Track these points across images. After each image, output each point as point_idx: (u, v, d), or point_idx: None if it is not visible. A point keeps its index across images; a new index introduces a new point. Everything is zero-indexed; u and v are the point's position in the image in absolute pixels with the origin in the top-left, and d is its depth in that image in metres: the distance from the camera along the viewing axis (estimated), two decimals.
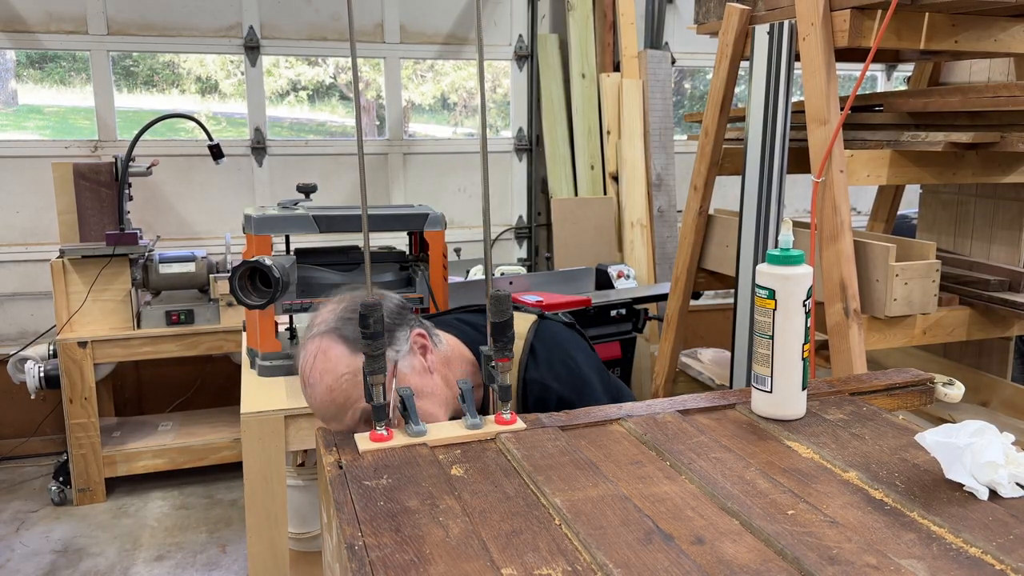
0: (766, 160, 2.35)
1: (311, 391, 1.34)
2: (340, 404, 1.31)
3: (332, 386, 1.31)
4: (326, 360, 1.32)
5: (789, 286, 1.11)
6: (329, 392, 1.31)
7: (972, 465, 0.93)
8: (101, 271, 3.23)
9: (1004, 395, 2.51)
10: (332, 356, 1.32)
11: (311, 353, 1.35)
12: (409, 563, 0.78)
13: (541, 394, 1.46)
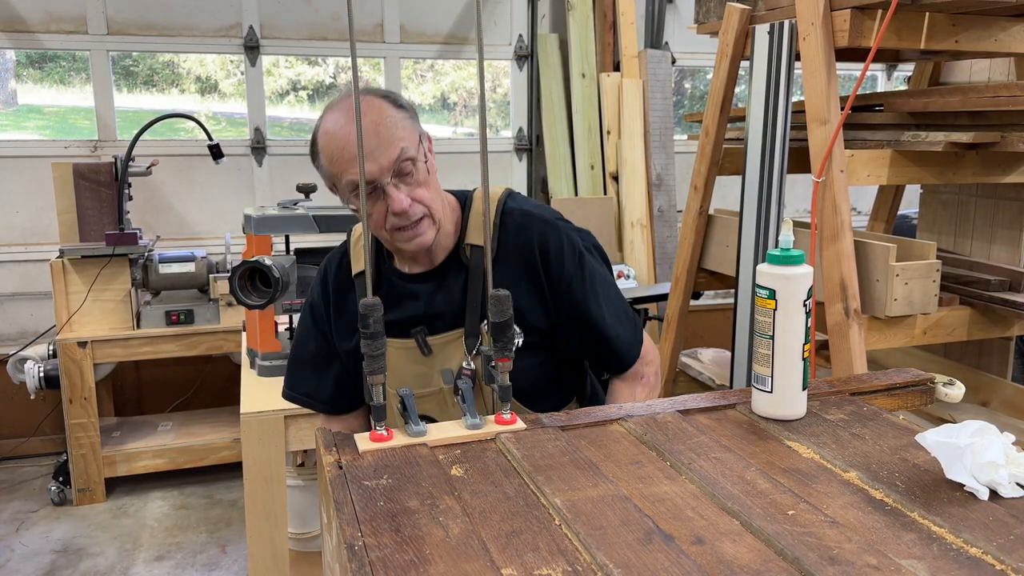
0: (766, 160, 2.35)
1: (343, 131, 1.33)
2: (385, 138, 1.32)
3: (378, 120, 1.33)
4: (370, 105, 1.34)
5: (789, 286, 1.11)
6: (375, 125, 1.32)
7: (972, 465, 0.93)
8: (101, 271, 3.22)
9: (1004, 395, 2.51)
10: (376, 104, 1.35)
11: (344, 100, 1.36)
12: (409, 563, 0.78)
13: (522, 221, 1.46)
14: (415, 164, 1.36)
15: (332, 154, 1.36)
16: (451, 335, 1.44)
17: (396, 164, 1.33)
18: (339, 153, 1.34)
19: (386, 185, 1.33)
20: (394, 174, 1.34)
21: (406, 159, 1.34)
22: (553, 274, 1.44)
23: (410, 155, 1.34)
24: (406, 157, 1.34)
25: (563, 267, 1.44)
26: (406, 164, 1.34)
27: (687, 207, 2.75)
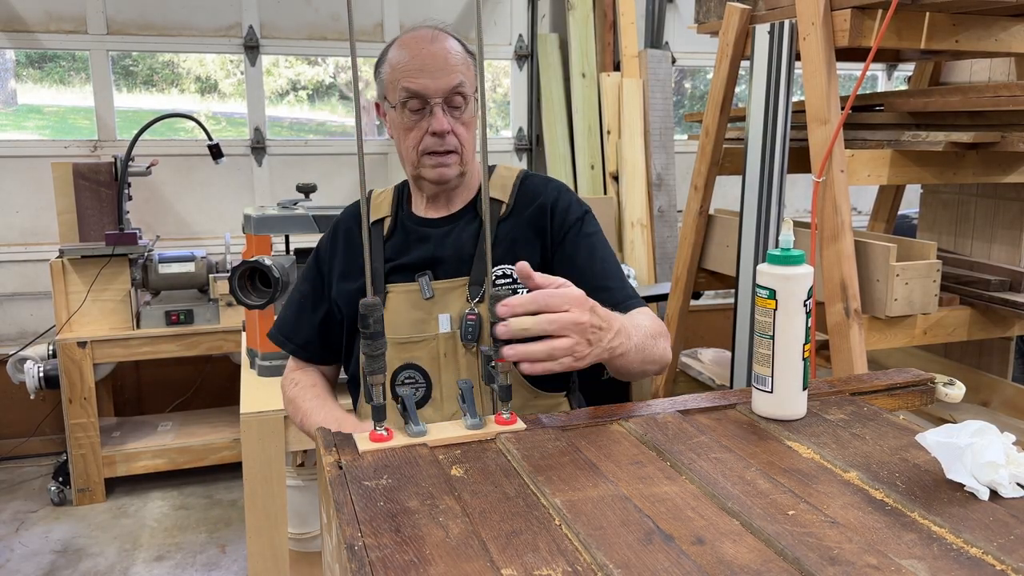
0: (766, 160, 2.35)
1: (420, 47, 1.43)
2: (450, 64, 1.42)
3: (449, 50, 1.44)
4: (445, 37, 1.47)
5: (790, 286, 1.11)
6: (444, 52, 1.43)
7: (973, 465, 0.92)
8: (100, 271, 3.22)
9: (1005, 395, 2.51)
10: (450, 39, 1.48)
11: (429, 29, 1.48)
12: (409, 563, 0.78)
13: (540, 180, 1.56)
14: (466, 102, 1.45)
15: (398, 61, 1.44)
16: (456, 281, 1.48)
17: (451, 91, 1.42)
18: (407, 62, 1.43)
19: (435, 105, 1.42)
20: (445, 100, 1.43)
21: (460, 92, 1.43)
22: (556, 222, 1.51)
23: (465, 90, 1.44)
24: (461, 91, 1.43)
25: (567, 217, 1.52)
26: (458, 97, 1.44)
27: (687, 207, 2.75)
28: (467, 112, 1.46)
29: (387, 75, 1.47)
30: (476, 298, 1.46)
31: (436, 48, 1.44)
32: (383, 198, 1.60)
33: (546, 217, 1.51)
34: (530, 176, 1.57)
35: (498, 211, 1.52)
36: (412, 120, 1.44)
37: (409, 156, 1.48)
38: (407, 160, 1.49)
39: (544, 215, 1.51)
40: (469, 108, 1.46)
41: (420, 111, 1.43)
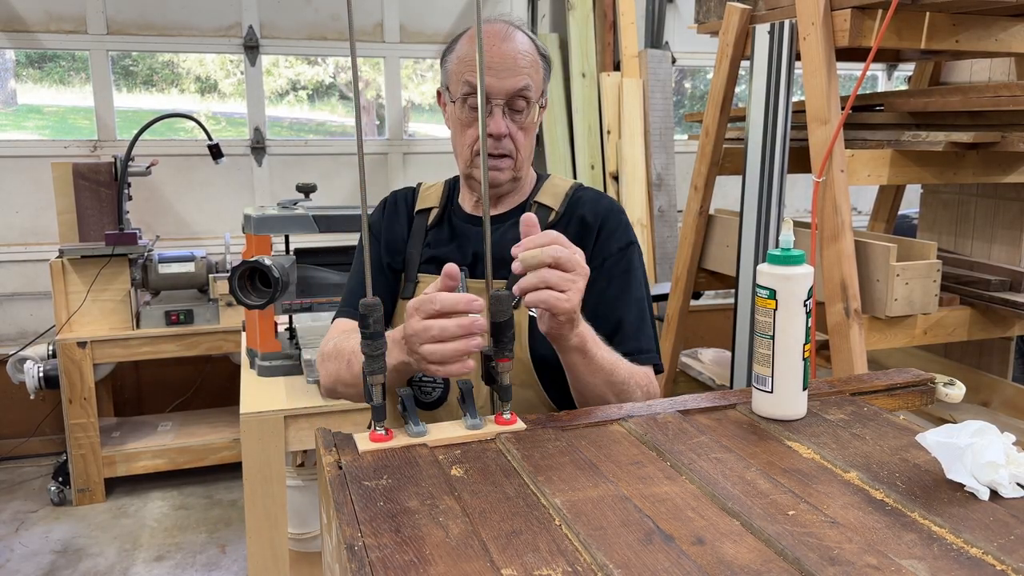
0: (767, 160, 2.35)
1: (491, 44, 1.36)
2: (520, 66, 1.37)
3: (521, 51, 1.38)
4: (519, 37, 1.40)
5: (790, 286, 1.11)
6: (515, 52, 1.37)
7: (973, 465, 0.92)
8: (100, 271, 3.22)
9: (1005, 395, 2.51)
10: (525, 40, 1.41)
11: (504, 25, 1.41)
12: (409, 563, 0.78)
13: (598, 195, 1.51)
14: (528, 107, 1.40)
15: (465, 54, 1.39)
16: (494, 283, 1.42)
17: (514, 94, 1.37)
18: (473, 56, 1.35)
19: (496, 105, 1.37)
20: (507, 103, 1.38)
21: (525, 96, 1.39)
22: (600, 244, 1.46)
23: (529, 95, 1.39)
24: (525, 94, 1.39)
25: (610, 243, 1.46)
26: (521, 101, 1.39)
27: (687, 207, 2.75)
28: (528, 117, 1.41)
29: (452, 66, 1.42)
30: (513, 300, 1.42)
31: (507, 47, 1.38)
32: (433, 190, 1.57)
33: (591, 236, 1.45)
34: (584, 189, 1.52)
35: (546, 218, 1.47)
36: (471, 117, 1.40)
37: (463, 153, 1.44)
38: (460, 156, 1.46)
39: (589, 233, 1.46)
40: (531, 113, 1.41)
41: (488, 110, 1.37)
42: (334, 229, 2.28)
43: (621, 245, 1.46)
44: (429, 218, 1.53)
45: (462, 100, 1.40)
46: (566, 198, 1.49)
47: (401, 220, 1.55)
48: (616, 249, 1.46)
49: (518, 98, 1.38)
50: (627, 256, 1.47)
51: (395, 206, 1.57)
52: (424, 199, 1.55)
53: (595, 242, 1.45)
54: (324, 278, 2.34)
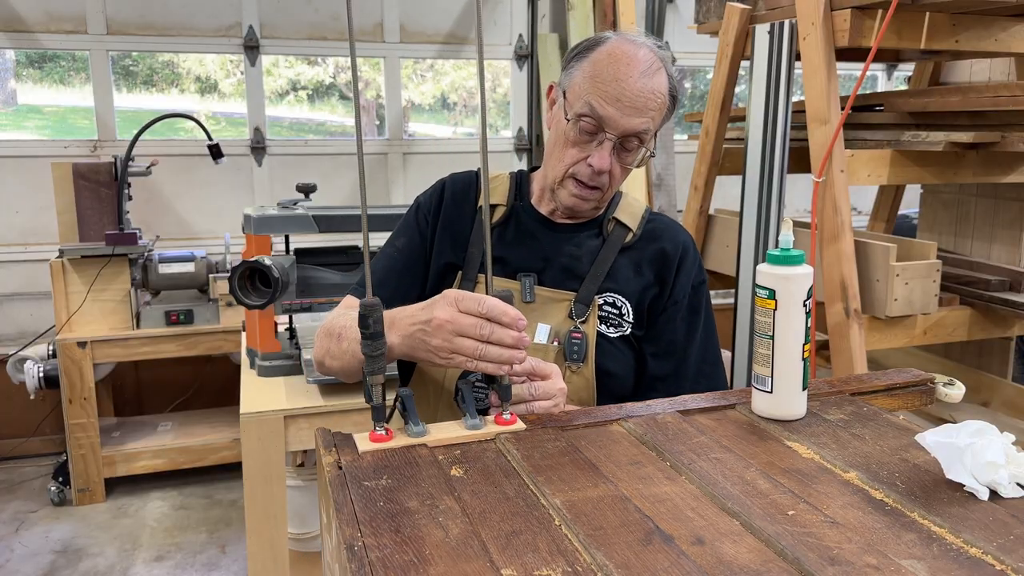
0: (766, 160, 2.35)
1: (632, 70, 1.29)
2: (647, 107, 1.30)
3: (656, 91, 1.31)
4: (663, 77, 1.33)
5: (789, 286, 1.11)
6: (651, 90, 1.30)
7: (972, 465, 0.92)
8: (100, 271, 3.22)
9: (1005, 395, 2.51)
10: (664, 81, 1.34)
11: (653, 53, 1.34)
12: (409, 564, 0.78)
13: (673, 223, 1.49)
14: (640, 148, 1.35)
15: (599, 72, 1.31)
16: (561, 293, 1.39)
17: (630, 133, 1.32)
18: (608, 82, 1.30)
19: (608, 139, 1.32)
20: (620, 137, 1.32)
21: (639, 137, 1.33)
22: (681, 278, 1.43)
23: (645, 138, 1.34)
24: (642, 137, 1.33)
25: (690, 278, 1.44)
26: (634, 141, 1.33)
27: (687, 207, 2.75)
28: (634, 158, 1.36)
29: (579, 78, 1.35)
30: (581, 318, 1.38)
31: (644, 84, 1.30)
32: (497, 182, 1.49)
33: (671, 267, 1.43)
34: (658, 216, 1.50)
35: (623, 236, 1.43)
36: (579, 138, 1.34)
37: (556, 168, 1.38)
38: (552, 169, 1.39)
39: (670, 264, 1.43)
40: (637, 156, 1.36)
41: (591, 135, 1.33)
42: (334, 229, 2.28)
43: (699, 281, 1.46)
44: (494, 215, 1.45)
45: (576, 119, 1.33)
46: (642, 221, 1.46)
47: (465, 212, 1.46)
48: (697, 283, 1.45)
49: (632, 138, 1.32)
50: (699, 294, 1.46)
51: (458, 196, 1.48)
52: (491, 193, 1.45)
53: (676, 274, 1.43)
54: (324, 278, 2.34)
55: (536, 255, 1.42)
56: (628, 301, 1.41)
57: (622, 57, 1.31)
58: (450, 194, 1.48)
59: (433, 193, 1.50)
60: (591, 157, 1.33)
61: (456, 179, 1.52)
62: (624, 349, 1.40)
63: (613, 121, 1.30)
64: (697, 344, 1.45)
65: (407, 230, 1.48)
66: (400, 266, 1.45)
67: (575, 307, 1.38)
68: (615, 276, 1.41)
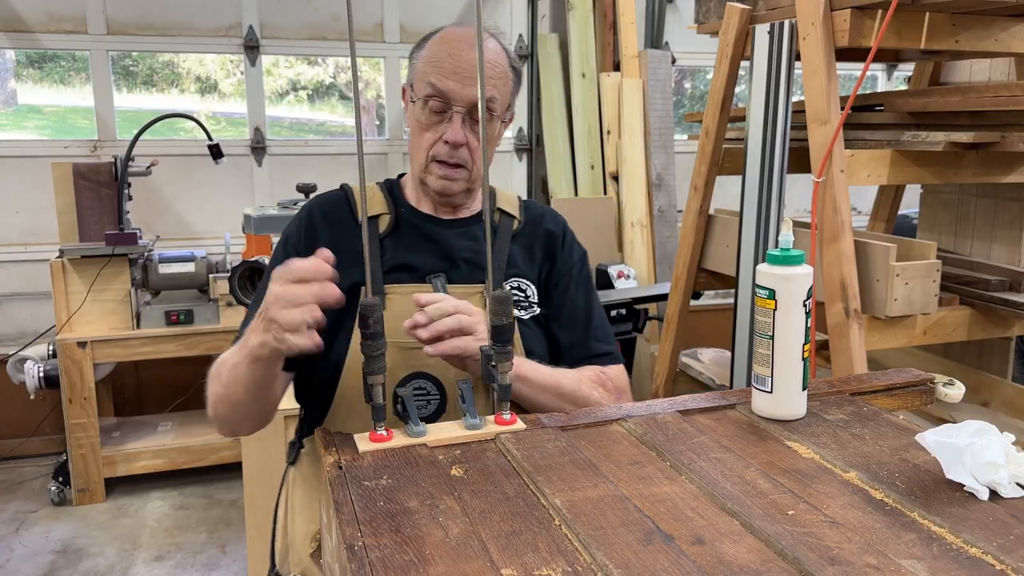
0: (766, 160, 2.35)
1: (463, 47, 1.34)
2: (487, 76, 1.33)
3: (492, 61, 1.36)
4: (495, 48, 1.39)
5: (789, 286, 1.11)
6: (487, 61, 1.34)
7: (972, 465, 0.92)
8: (100, 271, 3.22)
9: (1005, 395, 2.51)
10: (499, 51, 1.40)
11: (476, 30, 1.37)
12: (409, 563, 0.78)
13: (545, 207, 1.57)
14: (490, 120, 1.38)
15: (434, 53, 1.37)
16: (473, 287, 1.39)
17: (475, 101, 1.34)
18: (443, 58, 1.35)
19: (456, 113, 1.35)
20: (469, 111, 1.35)
21: (488, 107, 1.36)
22: (565, 254, 1.51)
23: (492, 107, 1.37)
24: (490, 106, 1.36)
25: (572, 253, 1.52)
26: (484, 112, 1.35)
27: (687, 207, 2.75)
28: (488, 129, 1.36)
29: (419, 65, 1.39)
30: None
31: (475, 55, 1.29)
32: (370, 193, 1.46)
33: (557, 245, 1.50)
34: (531, 201, 1.56)
35: (511, 224, 1.48)
36: (430, 120, 1.37)
37: (418, 156, 1.41)
38: (415, 159, 1.42)
39: (556, 242, 1.50)
40: (491, 126, 1.38)
41: (441, 113, 1.36)
42: None
43: (580, 255, 1.54)
44: (380, 225, 1.42)
45: (423, 101, 1.36)
46: (521, 208, 1.52)
47: (346, 230, 1.41)
48: (577, 258, 1.53)
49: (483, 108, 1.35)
50: (585, 265, 1.55)
51: (330, 217, 1.43)
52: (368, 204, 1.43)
53: (561, 250, 1.51)
54: None
55: (437, 255, 1.42)
56: (531, 283, 1.46)
57: (453, 37, 1.38)
58: (320, 218, 1.43)
59: (300, 223, 1.44)
60: (445, 134, 1.35)
61: (322, 201, 1.48)
62: (536, 329, 1.45)
63: (456, 93, 1.34)
64: (596, 308, 1.53)
65: None
66: None
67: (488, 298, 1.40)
68: (514, 262, 1.46)
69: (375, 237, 1.41)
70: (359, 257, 1.32)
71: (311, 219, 1.43)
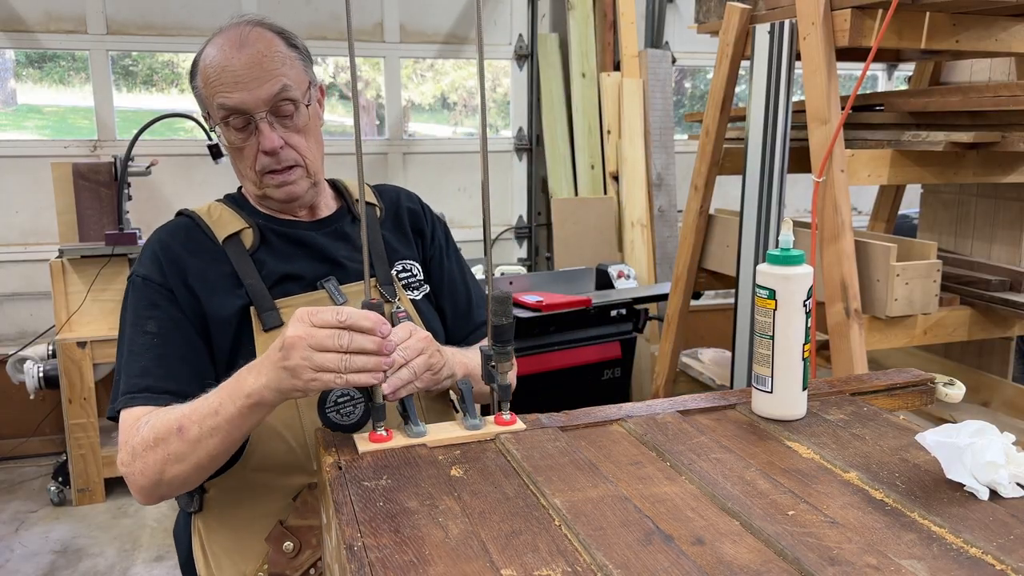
0: (767, 160, 2.35)
1: (226, 55, 1.27)
2: (267, 70, 1.26)
3: (265, 52, 1.27)
4: (259, 36, 1.30)
5: (789, 286, 1.11)
6: (259, 56, 1.26)
7: (972, 465, 0.92)
8: (100, 271, 3.22)
9: (1005, 395, 2.51)
10: (266, 36, 1.31)
11: (235, 27, 1.32)
12: (409, 564, 0.78)
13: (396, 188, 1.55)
14: (296, 107, 1.30)
15: (208, 75, 1.28)
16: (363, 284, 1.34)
17: (274, 100, 1.27)
18: (218, 75, 1.26)
19: (260, 120, 1.27)
20: (271, 111, 1.27)
21: (286, 98, 1.28)
22: (430, 228, 1.52)
23: (291, 95, 1.28)
24: (286, 96, 1.28)
25: (436, 227, 1.54)
26: (286, 104, 1.28)
27: (687, 207, 2.75)
28: (301, 118, 1.30)
29: (203, 91, 1.31)
30: (395, 296, 1.38)
31: (246, 55, 1.27)
32: (220, 214, 1.38)
33: (422, 220, 1.51)
34: (380, 185, 1.55)
35: (374, 213, 1.46)
36: (240, 138, 1.29)
37: (249, 176, 1.33)
38: (248, 181, 1.35)
39: (420, 217, 1.51)
40: (302, 114, 1.31)
41: (246, 128, 1.28)
42: None
43: (442, 226, 1.55)
44: (245, 241, 1.35)
45: (224, 124, 1.29)
46: (376, 194, 1.51)
47: (211, 255, 1.33)
48: (441, 230, 1.54)
49: (280, 103, 1.28)
50: (450, 236, 1.56)
51: (189, 246, 1.34)
52: (219, 226, 1.36)
53: (427, 225, 1.51)
54: None
55: (318, 259, 1.37)
56: (415, 262, 1.46)
57: (216, 51, 1.30)
58: (179, 247, 1.34)
59: (154, 259, 1.32)
60: (261, 144, 1.28)
61: (171, 231, 1.39)
62: (430, 307, 1.45)
63: (247, 101, 1.26)
64: (469, 274, 1.55)
65: (149, 310, 1.27)
66: (172, 347, 1.25)
67: (383, 289, 1.38)
68: (392, 247, 1.44)
69: (243, 255, 1.33)
70: (234, 279, 1.30)
71: (169, 252, 1.33)
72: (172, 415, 1.13)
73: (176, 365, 1.24)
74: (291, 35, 1.35)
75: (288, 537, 1.26)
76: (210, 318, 1.28)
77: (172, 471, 1.13)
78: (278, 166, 1.30)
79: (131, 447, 1.15)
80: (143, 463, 1.14)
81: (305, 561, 1.25)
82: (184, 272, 1.30)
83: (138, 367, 1.23)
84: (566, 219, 4.02)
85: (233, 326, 1.28)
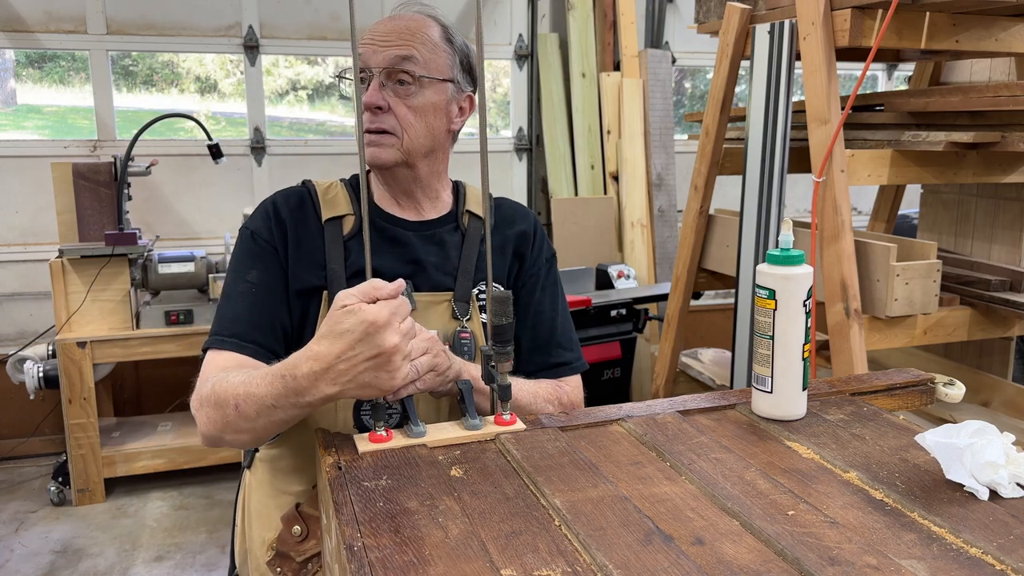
0: (767, 160, 2.35)
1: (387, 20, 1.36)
2: (403, 38, 1.32)
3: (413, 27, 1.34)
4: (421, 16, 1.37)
5: (790, 286, 1.11)
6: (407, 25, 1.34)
7: (972, 465, 0.92)
8: (100, 271, 3.22)
9: (1005, 395, 2.51)
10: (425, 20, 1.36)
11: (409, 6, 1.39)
12: (408, 564, 0.78)
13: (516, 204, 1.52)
14: (417, 83, 1.31)
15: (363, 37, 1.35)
16: (440, 296, 1.35)
17: (393, 63, 1.30)
18: (366, 35, 1.35)
19: (373, 76, 1.31)
20: (388, 75, 1.30)
21: (407, 69, 1.30)
22: (535, 253, 1.47)
23: (413, 68, 1.30)
24: (408, 68, 1.30)
25: (542, 253, 1.48)
26: (404, 74, 1.30)
27: (687, 207, 2.75)
28: (417, 97, 1.31)
29: None
30: (465, 316, 1.35)
31: (396, 22, 1.34)
32: (334, 192, 1.40)
33: (528, 245, 1.46)
34: (501, 199, 1.51)
35: (480, 227, 1.42)
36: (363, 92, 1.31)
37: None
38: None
39: (527, 242, 1.46)
40: (422, 93, 1.31)
41: (363, 83, 1.30)
42: None
43: (549, 256, 1.50)
44: (344, 227, 1.36)
45: (344, 76, 1.37)
46: (492, 207, 1.46)
47: (311, 229, 1.35)
48: (547, 258, 1.49)
49: (400, 71, 1.30)
50: (554, 268, 1.50)
51: (296, 214, 1.36)
52: (329, 205, 1.37)
53: (531, 250, 1.46)
54: None
55: (404, 259, 1.36)
56: (500, 286, 1.42)
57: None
58: (288, 212, 1.36)
59: (265, 216, 1.36)
60: (365, 98, 1.30)
61: (286, 195, 1.40)
62: None
63: (370, 58, 1.31)
64: (561, 312, 1.48)
65: (252, 261, 1.33)
66: (267, 300, 1.31)
67: (456, 306, 1.36)
68: (483, 266, 1.38)
69: (338, 239, 1.35)
70: (320, 258, 1.32)
71: (278, 213, 1.36)
72: (234, 390, 1.12)
73: (267, 318, 1.29)
74: (454, 32, 1.38)
75: (298, 522, 1.28)
76: (290, 287, 1.32)
77: (230, 436, 1.16)
78: (373, 125, 1.31)
79: (201, 396, 1.19)
80: (207, 416, 1.17)
81: (309, 549, 1.27)
82: (284, 236, 1.34)
83: (232, 313, 1.29)
84: (566, 219, 4.02)
85: (304, 302, 1.32)
